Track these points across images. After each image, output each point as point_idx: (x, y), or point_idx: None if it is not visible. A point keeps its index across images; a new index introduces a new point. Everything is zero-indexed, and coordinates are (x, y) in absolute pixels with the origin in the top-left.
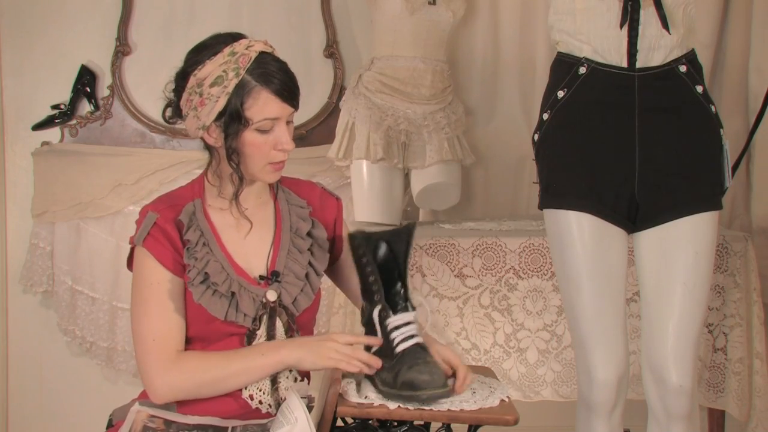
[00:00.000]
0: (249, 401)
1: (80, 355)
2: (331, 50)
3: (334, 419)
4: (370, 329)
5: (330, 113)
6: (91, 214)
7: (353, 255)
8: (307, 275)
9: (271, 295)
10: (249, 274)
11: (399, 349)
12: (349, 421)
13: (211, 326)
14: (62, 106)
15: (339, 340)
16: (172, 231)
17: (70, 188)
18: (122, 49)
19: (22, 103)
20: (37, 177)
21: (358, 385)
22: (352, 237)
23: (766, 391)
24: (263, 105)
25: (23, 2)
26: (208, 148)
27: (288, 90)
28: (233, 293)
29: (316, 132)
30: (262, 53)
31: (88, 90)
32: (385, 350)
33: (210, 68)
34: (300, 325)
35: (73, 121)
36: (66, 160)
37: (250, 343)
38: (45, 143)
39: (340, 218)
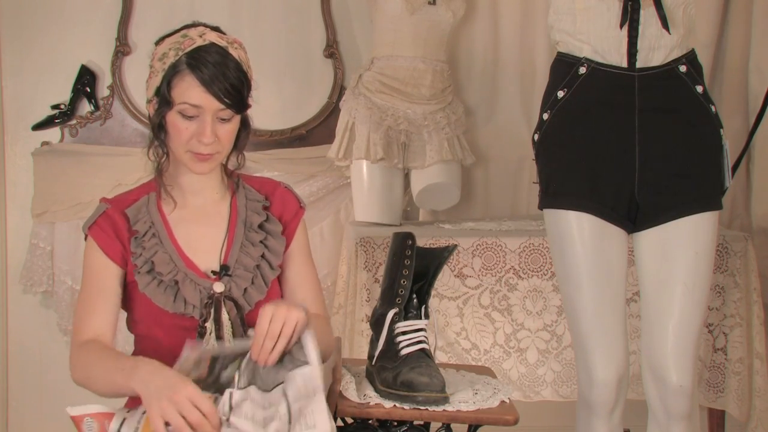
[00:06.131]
0: None
1: None
2: (331, 50)
3: (334, 419)
4: (377, 329)
5: (330, 113)
6: None
7: (397, 252)
8: (258, 267)
9: (218, 287)
10: (199, 268)
11: (403, 352)
12: (349, 421)
13: (161, 320)
14: (62, 106)
15: (186, 401)
16: (120, 222)
17: (70, 188)
18: (122, 49)
19: (22, 103)
20: (37, 177)
21: (358, 384)
22: (408, 237)
23: (766, 391)
24: (185, 89)
25: (23, 2)
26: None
27: (216, 83)
28: (176, 281)
29: (316, 132)
30: (212, 44)
31: (88, 90)
32: (390, 352)
33: (164, 45)
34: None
35: (73, 121)
36: (66, 160)
37: (201, 337)
38: (45, 143)
39: (295, 223)
